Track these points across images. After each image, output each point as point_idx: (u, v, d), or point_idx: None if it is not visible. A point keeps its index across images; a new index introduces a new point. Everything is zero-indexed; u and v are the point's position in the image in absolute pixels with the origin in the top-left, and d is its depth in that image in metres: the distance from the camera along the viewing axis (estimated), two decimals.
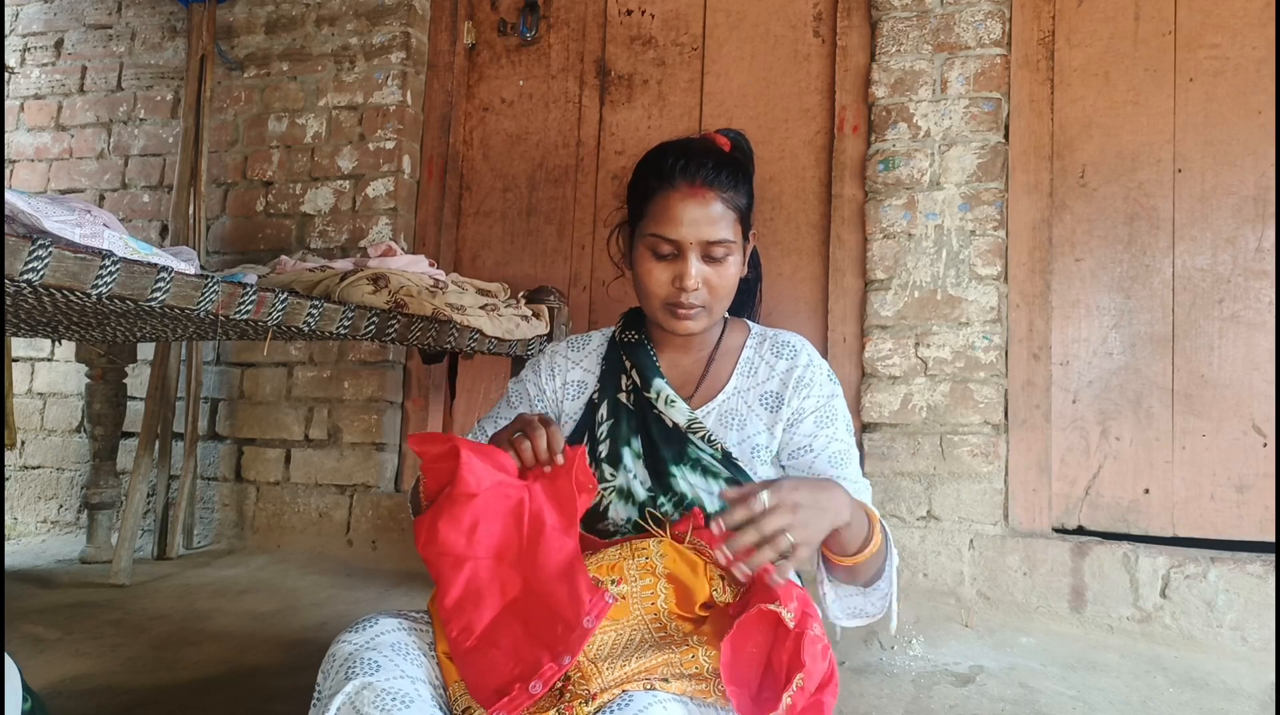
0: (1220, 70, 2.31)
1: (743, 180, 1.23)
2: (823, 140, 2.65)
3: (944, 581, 2.30)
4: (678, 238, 1.18)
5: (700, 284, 1.19)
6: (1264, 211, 2.25)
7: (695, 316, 1.22)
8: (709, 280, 1.20)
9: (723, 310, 1.25)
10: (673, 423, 1.22)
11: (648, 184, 1.22)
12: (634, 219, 1.26)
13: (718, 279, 1.20)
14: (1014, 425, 2.39)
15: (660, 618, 1.05)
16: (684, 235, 1.18)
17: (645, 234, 1.21)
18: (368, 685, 0.95)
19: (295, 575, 2.68)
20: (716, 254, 1.19)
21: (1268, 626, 2.02)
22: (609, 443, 1.23)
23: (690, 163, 1.19)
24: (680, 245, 1.19)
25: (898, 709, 1.80)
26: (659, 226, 1.19)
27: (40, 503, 3.27)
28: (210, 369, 3.11)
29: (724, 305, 1.24)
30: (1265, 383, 2.21)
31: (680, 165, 1.19)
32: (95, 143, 3.39)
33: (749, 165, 1.29)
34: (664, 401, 1.23)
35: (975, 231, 2.39)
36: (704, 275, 1.20)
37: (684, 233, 1.18)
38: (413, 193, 3.07)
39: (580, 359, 1.34)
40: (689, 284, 1.18)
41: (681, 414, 1.22)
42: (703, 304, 1.21)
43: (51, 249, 1.16)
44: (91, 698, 1.74)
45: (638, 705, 0.89)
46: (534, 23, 3.00)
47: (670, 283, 1.20)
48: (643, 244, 1.22)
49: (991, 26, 2.43)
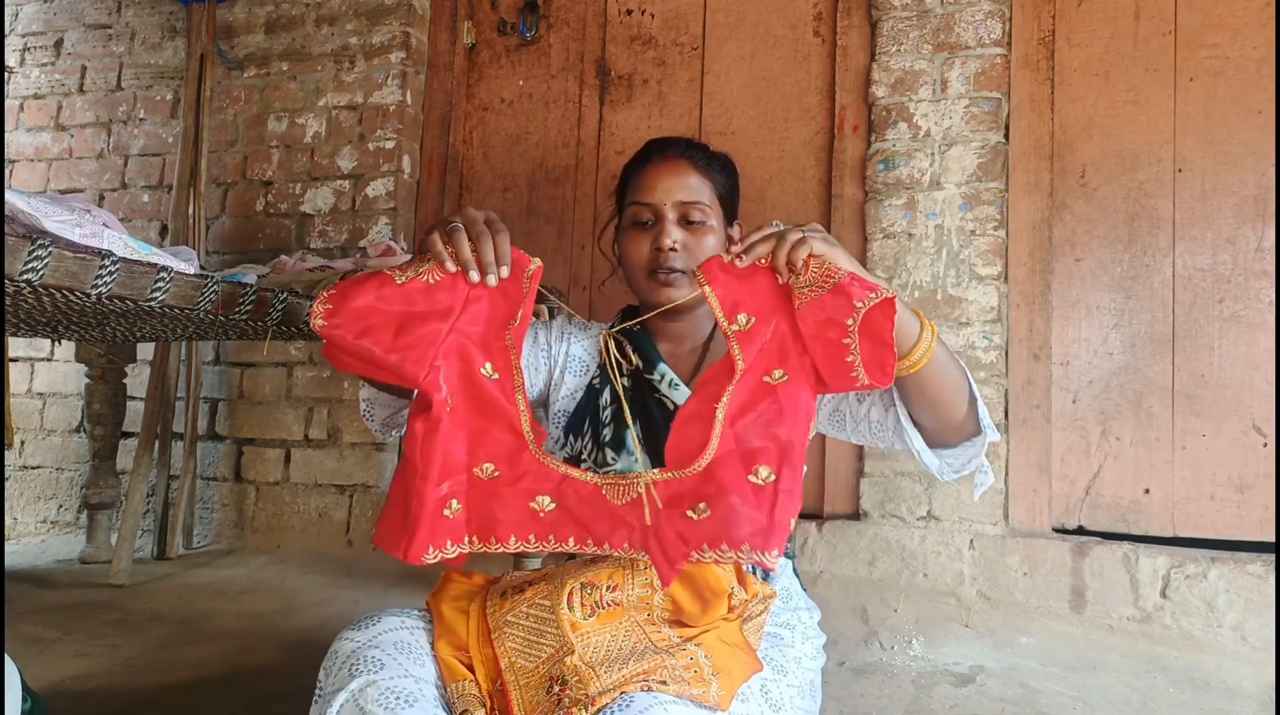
0: (1220, 70, 2.31)
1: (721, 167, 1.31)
2: (823, 140, 2.65)
3: (944, 581, 2.30)
4: (652, 200, 1.25)
5: (679, 247, 1.23)
6: (1264, 211, 2.25)
7: (677, 282, 1.24)
8: (687, 244, 1.24)
9: None
10: (674, 405, 1.23)
11: (632, 166, 1.32)
12: (621, 205, 1.33)
13: (696, 244, 1.25)
14: (1014, 425, 2.38)
15: (655, 620, 1.05)
16: (659, 198, 1.25)
17: (626, 207, 1.29)
18: (372, 683, 0.95)
19: (295, 575, 2.68)
20: (693, 217, 1.25)
21: (1268, 626, 2.02)
22: (613, 427, 1.23)
23: (667, 142, 1.30)
24: (656, 208, 1.25)
25: (898, 709, 1.80)
26: (636, 194, 1.27)
27: (40, 503, 3.26)
28: (210, 369, 3.11)
29: None
30: (1265, 383, 2.21)
31: (658, 144, 1.30)
32: (95, 143, 3.39)
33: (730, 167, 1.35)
34: (667, 384, 1.24)
35: (975, 231, 2.39)
36: (682, 239, 1.24)
37: (658, 195, 1.25)
38: (412, 193, 3.07)
39: (583, 338, 1.35)
40: (665, 243, 1.23)
41: (684, 397, 1.23)
42: (683, 269, 1.24)
43: (51, 249, 1.16)
44: (91, 698, 1.74)
45: (638, 707, 0.89)
46: (534, 22, 3.00)
47: (650, 249, 1.25)
48: (626, 221, 1.29)
49: (991, 26, 2.43)
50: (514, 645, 1.03)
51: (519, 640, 1.03)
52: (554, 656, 0.99)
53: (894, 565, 2.34)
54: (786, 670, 1.12)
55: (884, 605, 2.28)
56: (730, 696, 0.97)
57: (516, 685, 0.99)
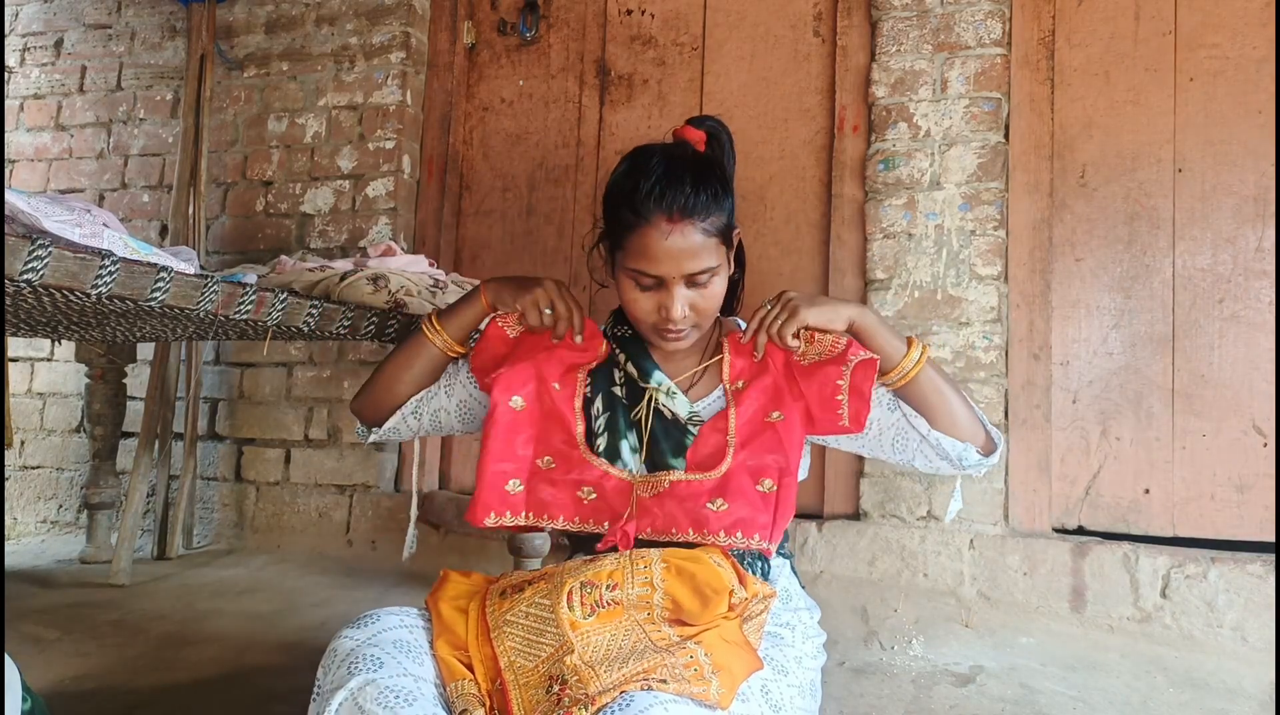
0: (1220, 70, 2.31)
1: (721, 192, 1.18)
2: (823, 140, 2.65)
3: (944, 581, 2.30)
4: (659, 273, 1.16)
5: (686, 310, 1.19)
6: (1264, 211, 2.25)
7: (685, 335, 1.23)
8: (695, 303, 1.19)
9: (711, 319, 1.26)
10: (672, 415, 1.23)
11: (623, 216, 1.17)
12: (612, 244, 1.23)
13: (704, 301, 1.20)
14: (1014, 425, 2.38)
15: (655, 619, 1.05)
16: (666, 271, 1.16)
17: (625, 267, 1.19)
18: (371, 682, 0.94)
19: (295, 575, 2.68)
20: (700, 280, 1.18)
21: (1268, 626, 2.02)
22: (606, 436, 1.23)
23: (665, 191, 1.13)
24: (663, 279, 1.17)
25: (898, 709, 1.80)
26: (639, 262, 1.17)
27: (40, 503, 3.26)
28: (210, 369, 3.11)
29: (712, 316, 1.25)
30: (1265, 382, 2.21)
31: (655, 195, 1.13)
32: (95, 142, 3.39)
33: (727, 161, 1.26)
34: (665, 393, 1.24)
35: (975, 231, 2.39)
36: (689, 299, 1.19)
37: (665, 268, 1.16)
38: (412, 192, 3.07)
39: None
40: (674, 315, 1.18)
41: (682, 406, 1.23)
42: (691, 324, 1.21)
43: (51, 249, 1.16)
44: (91, 698, 1.74)
45: (638, 706, 0.89)
46: (534, 22, 3.00)
47: (656, 311, 1.20)
48: (624, 274, 1.20)
49: (991, 26, 2.43)
50: (513, 644, 1.03)
51: (518, 639, 1.03)
52: (553, 656, 0.99)
53: (894, 565, 2.34)
54: (787, 670, 1.12)
55: (884, 605, 2.28)
56: (731, 695, 0.97)
57: (516, 684, 0.99)
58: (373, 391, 1.38)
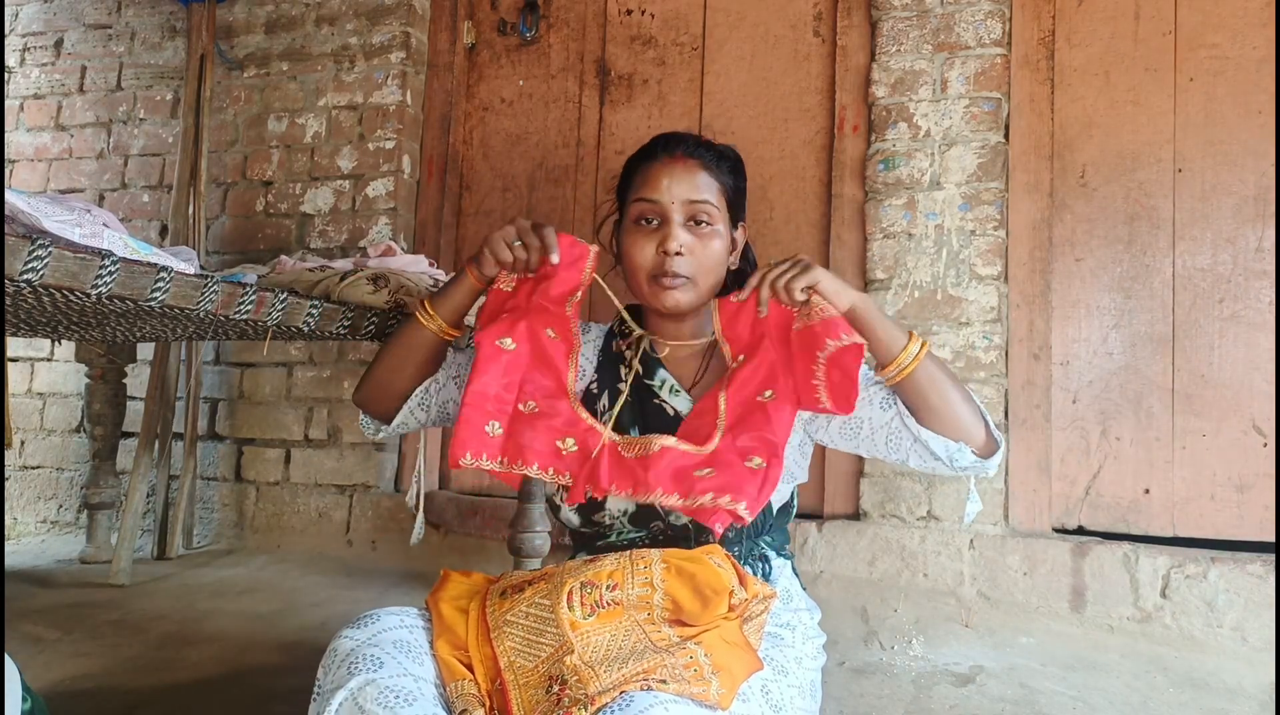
0: (1220, 70, 2.31)
1: (729, 167, 1.28)
2: (823, 140, 2.65)
3: (944, 581, 2.30)
4: (659, 198, 1.22)
5: (684, 250, 1.21)
6: (1264, 211, 2.25)
7: (681, 287, 1.22)
8: (693, 248, 1.22)
9: (709, 288, 1.25)
10: (675, 412, 1.23)
11: (634, 164, 1.29)
12: (622, 202, 1.30)
13: (702, 249, 1.22)
14: (1014, 425, 2.38)
15: (655, 619, 1.05)
16: (666, 196, 1.22)
17: (630, 203, 1.25)
18: (371, 682, 0.94)
19: (295, 575, 2.68)
20: (700, 217, 1.22)
21: (1268, 626, 2.02)
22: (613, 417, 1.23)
23: (674, 139, 1.27)
24: (663, 207, 1.22)
25: (898, 709, 1.80)
26: (642, 190, 1.24)
27: (40, 503, 3.26)
28: (210, 369, 3.11)
29: (710, 281, 1.25)
30: (1265, 382, 2.21)
31: (664, 141, 1.27)
32: (95, 142, 3.39)
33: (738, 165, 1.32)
34: (668, 390, 1.24)
35: (975, 231, 2.39)
36: (688, 243, 1.21)
37: (666, 193, 1.22)
38: (412, 192, 3.07)
39: (583, 341, 1.34)
40: (670, 247, 1.20)
41: (685, 403, 1.23)
42: (688, 274, 1.22)
43: (51, 249, 1.16)
44: (91, 698, 1.74)
45: (638, 706, 0.89)
46: (534, 22, 3.00)
47: (655, 251, 1.22)
48: (629, 218, 1.26)
49: (991, 26, 2.43)
50: (513, 644, 1.03)
51: (518, 639, 1.03)
52: (553, 656, 0.99)
53: (894, 565, 2.34)
54: (787, 670, 1.12)
55: (884, 605, 2.29)
56: (731, 695, 0.97)
57: (516, 685, 0.99)
58: (373, 382, 1.36)
